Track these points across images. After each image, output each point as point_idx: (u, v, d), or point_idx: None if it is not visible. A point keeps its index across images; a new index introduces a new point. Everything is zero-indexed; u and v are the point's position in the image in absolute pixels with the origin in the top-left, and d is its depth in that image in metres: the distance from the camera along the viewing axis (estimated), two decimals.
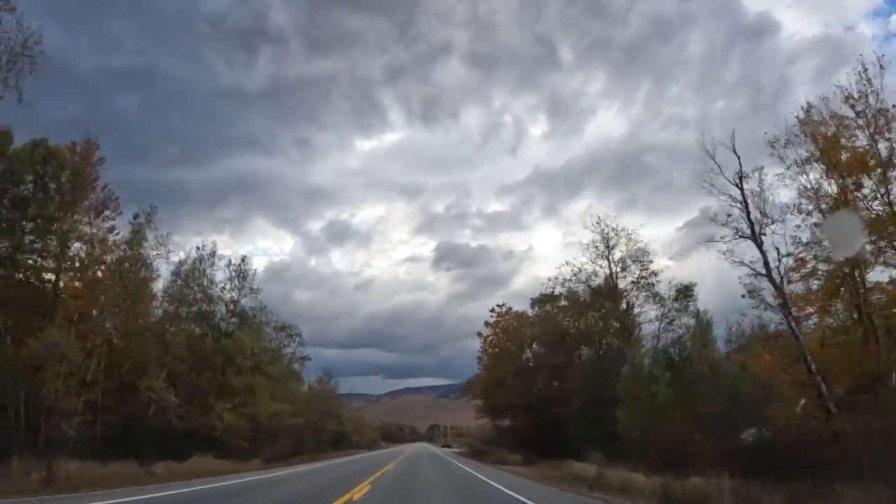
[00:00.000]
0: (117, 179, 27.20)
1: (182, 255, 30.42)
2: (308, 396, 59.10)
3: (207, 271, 31.42)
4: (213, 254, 31.66)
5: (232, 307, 33.12)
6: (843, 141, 18.15)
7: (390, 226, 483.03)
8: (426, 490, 16.42)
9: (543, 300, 45.43)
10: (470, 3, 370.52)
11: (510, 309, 48.34)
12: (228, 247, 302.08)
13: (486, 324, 48.57)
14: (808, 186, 18.76)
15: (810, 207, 18.76)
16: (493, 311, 48.42)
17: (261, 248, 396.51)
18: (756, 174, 20.11)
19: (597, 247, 32.77)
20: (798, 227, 19.02)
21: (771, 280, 19.25)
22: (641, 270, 32.11)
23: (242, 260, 34.80)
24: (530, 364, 42.29)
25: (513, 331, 47.12)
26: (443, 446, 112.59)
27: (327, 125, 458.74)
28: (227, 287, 33.16)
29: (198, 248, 31.29)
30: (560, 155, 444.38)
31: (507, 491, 15.91)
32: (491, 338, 48.17)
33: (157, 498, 13.00)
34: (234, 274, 33.68)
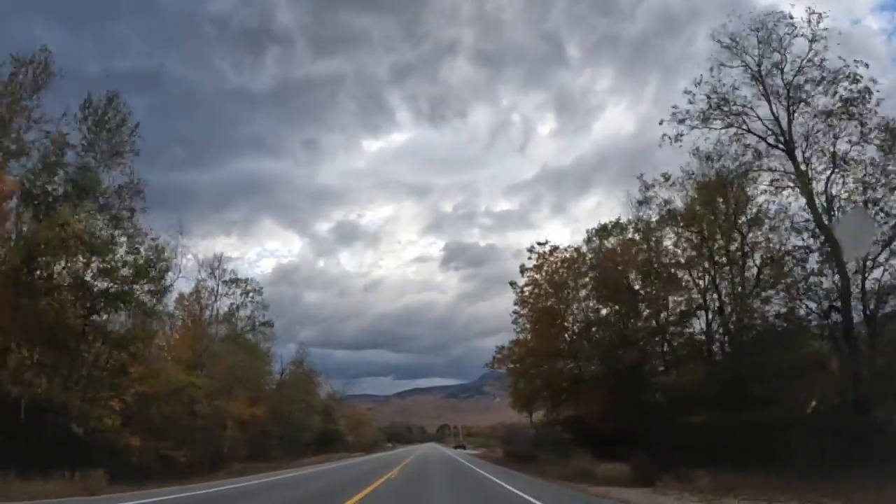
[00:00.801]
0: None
1: None
2: (280, 384, 45.23)
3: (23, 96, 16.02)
4: (45, 68, 15.94)
5: (67, 172, 17.14)
6: None
7: (399, 226, 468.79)
8: None
9: (604, 232, 30.46)
10: (476, 1, 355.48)
11: (556, 248, 33.07)
12: (236, 248, 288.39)
13: (522, 270, 33.43)
14: None
15: None
16: (531, 250, 33.19)
17: (269, 249, 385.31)
18: None
19: (744, 60, 17.11)
20: None
21: None
22: (842, 82, 16.02)
23: (110, 101, 18.82)
24: (620, 315, 26.71)
25: (560, 282, 32.11)
26: (456, 447, 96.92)
27: (335, 126, 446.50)
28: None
29: (13, 55, 16.01)
30: (568, 153, 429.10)
31: None
32: (531, 288, 33.04)
33: None
34: (87, 114, 17.95)
